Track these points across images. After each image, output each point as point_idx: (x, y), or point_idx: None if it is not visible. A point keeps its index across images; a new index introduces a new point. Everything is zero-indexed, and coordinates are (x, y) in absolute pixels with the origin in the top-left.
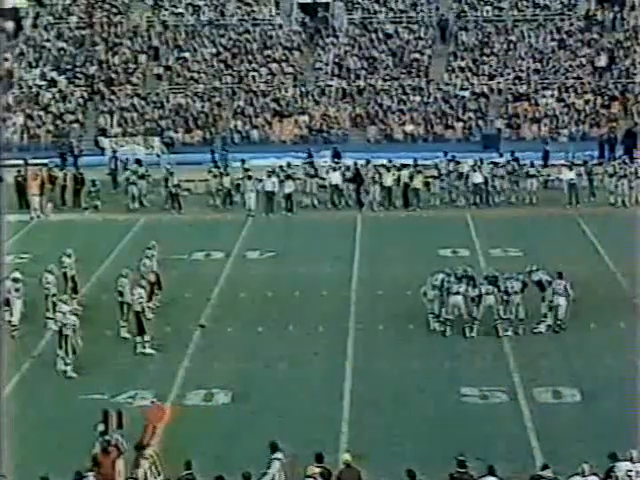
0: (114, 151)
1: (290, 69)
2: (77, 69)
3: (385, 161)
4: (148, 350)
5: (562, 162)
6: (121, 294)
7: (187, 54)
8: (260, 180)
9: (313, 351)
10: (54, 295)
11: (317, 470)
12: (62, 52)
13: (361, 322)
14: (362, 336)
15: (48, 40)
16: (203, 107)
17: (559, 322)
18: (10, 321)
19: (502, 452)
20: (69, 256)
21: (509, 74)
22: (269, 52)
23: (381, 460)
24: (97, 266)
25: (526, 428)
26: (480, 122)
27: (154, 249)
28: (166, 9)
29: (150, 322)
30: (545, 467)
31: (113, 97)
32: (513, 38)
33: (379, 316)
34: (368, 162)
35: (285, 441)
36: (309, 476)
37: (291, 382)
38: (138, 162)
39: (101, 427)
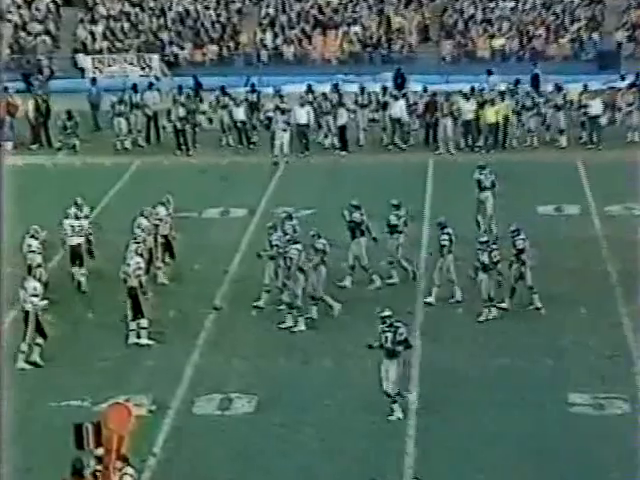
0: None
1: None
2: None
3: (466, 87)
4: (144, 340)
5: None
6: None
7: None
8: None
9: (365, 342)
10: (39, 265)
11: None
12: None
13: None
14: (432, 321)
15: None
16: (219, 15)
17: None
18: None
19: (621, 479)
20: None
21: None
22: None
23: None
24: None
25: None
26: (594, 35)
27: (169, 204)
28: None
29: (149, 302)
30: None
31: (97, 1)
32: None
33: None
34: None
35: (325, 464)
36: None
37: (334, 385)
38: (134, 88)
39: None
